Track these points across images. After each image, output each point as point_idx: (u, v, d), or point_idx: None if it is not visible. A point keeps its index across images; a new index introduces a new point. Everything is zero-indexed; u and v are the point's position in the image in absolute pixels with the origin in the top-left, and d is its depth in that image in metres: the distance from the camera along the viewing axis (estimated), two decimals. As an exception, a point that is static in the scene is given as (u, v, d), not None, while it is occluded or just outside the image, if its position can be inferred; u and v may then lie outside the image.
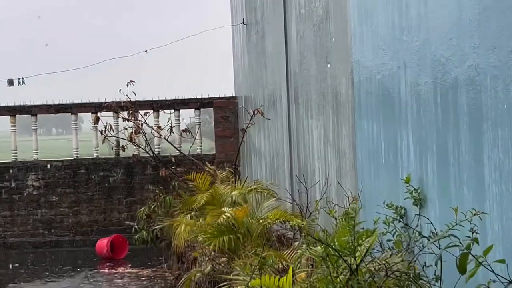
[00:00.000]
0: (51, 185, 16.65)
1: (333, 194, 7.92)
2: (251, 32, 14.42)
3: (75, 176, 16.71)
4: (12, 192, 16.58)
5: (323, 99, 8.58)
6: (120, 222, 16.43)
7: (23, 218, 16.58)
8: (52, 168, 16.74)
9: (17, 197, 16.57)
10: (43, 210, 16.59)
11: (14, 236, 16.53)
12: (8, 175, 16.60)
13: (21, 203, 16.57)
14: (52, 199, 16.62)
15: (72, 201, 16.65)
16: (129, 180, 16.67)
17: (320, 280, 4.41)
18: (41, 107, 17.23)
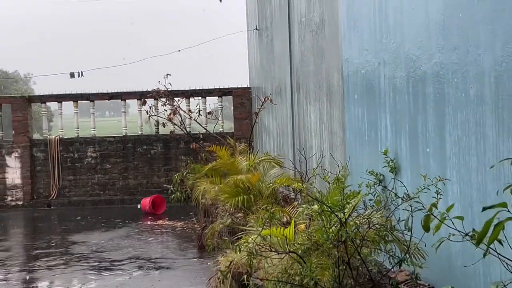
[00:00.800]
0: (105, 156, 16.70)
1: (327, 164, 7.91)
2: (262, 36, 14.37)
3: (124, 149, 16.75)
4: (75, 161, 16.65)
5: (319, 89, 8.56)
6: (159, 185, 16.47)
7: (83, 181, 16.65)
8: (106, 142, 16.79)
9: (79, 165, 16.64)
10: (99, 175, 16.66)
11: (77, 195, 16.62)
12: (72, 148, 16.66)
13: (82, 170, 16.64)
14: (106, 167, 16.68)
15: (121, 169, 16.70)
16: (166, 152, 16.70)
17: (316, 231, 4.41)
18: (97, 94, 17.26)
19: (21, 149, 16.50)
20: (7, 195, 16.46)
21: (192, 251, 10.48)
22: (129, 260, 10.06)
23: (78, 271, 9.46)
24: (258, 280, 5.26)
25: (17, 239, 13.07)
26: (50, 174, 16.50)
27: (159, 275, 9.03)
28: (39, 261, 10.21)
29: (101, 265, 9.78)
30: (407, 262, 4.28)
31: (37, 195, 16.60)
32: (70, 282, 8.94)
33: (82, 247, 11.24)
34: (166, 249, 10.85)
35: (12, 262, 10.40)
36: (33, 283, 9.09)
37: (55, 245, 11.56)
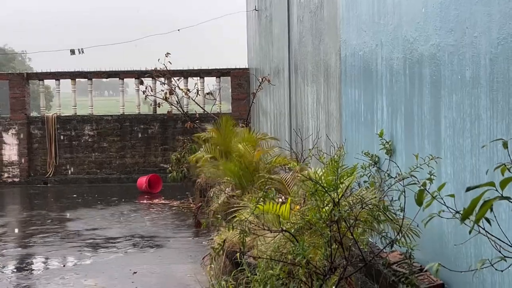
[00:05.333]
0: (102, 134, 16.70)
1: (323, 145, 7.92)
2: (261, 16, 14.31)
3: (121, 127, 16.75)
4: (72, 139, 16.65)
5: (316, 70, 8.54)
6: (156, 164, 16.50)
7: (80, 159, 16.67)
8: (103, 121, 16.78)
9: (76, 143, 16.65)
10: (96, 153, 16.67)
11: (74, 173, 16.64)
12: (69, 126, 16.66)
13: (79, 148, 16.65)
14: (103, 145, 16.68)
15: (118, 147, 16.71)
16: (163, 132, 16.70)
17: (310, 210, 4.42)
18: (95, 73, 17.23)
19: (18, 126, 16.49)
20: (4, 172, 16.49)
21: (188, 230, 10.52)
22: (124, 237, 10.09)
23: (73, 248, 9.49)
24: (251, 258, 5.29)
25: (13, 216, 13.09)
26: (47, 152, 16.51)
27: (153, 253, 9.07)
28: (34, 238, 10.25)
29: (96, 242, 9.81)
30: (399, 242, 4.29)
31: (34, 172, 16.62)
32: (65, 258, 8.97)
33: (78, 224, 11.27)
34: (161, 227, 10.88)
35: (8, 238, 10.43)
36: (28, 259, 9.12)
37: (51, 222, 11.59)
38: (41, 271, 8.39)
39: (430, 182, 3.11)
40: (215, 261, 5.99)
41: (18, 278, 8.00)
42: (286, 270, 4.35)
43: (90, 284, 7.58)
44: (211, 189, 10.08)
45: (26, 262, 8.95)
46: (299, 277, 4.33)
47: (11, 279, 7.92)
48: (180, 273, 7.89)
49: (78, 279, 7.80)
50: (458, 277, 4.21)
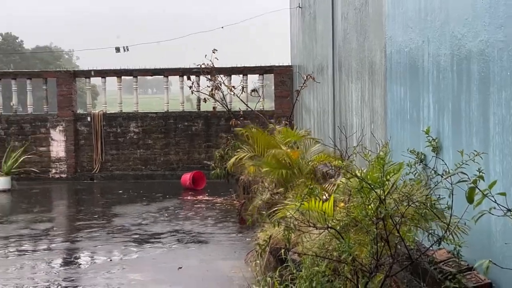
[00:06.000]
0: (147, 131, 16.89)
1: (367, 143, 7.86)
2: (305, 14, 14.27)
3: (166, 125, 16.91)
4: (118, 136, 16.88)
5: (361, 67, 8.49)
6: (200, 161, 16.61)
7: (126, 156, 16.88)
8: (148, 118, 16.97)
9: (121, 139, 16.87)
10: (141, 150, 16.87)
11: (119, 169, 16.87)
12: (115, 123, 16.89)
13: (125, 145, 16.87)
14: (148, 142, 16.87)
15: (163, 144, 16.88)
16: (207, 129, 16.81)
17: (356, 207, 4.40)
18: (140, 70, 17.43)
19: (66, 123, 16.79)
20: (52, 168, 16.80)
21: (231, 226, 10.57)
22: (169, 233, 10.19)
23: (119, 243, 9.63)
24: (295, 255, 5.28)
25: (60, 211, 13.34)
26: (93, 148, 16.77)
27: (198, 249, 9.14)
28: (81, 232, 10.42)
29: (141, 238, 9.93)
30: (446, 240, 4.24)
31: (81, 168, 16.90)
32: (111, 252, 9.11)
33: (124, 219, 11.42)
34: (205, 223, 10.96)
35: (56, 232, 10.64)
36: (75, 253, 9.29)
37: (98, 217, 11.77)
38: (88, 265, 8.54)
39: (480, 180, 3.06)
40: (261, 258, 6.00)
41: (66, 271, 8.16)
42: (332, 267, 4.34)
43: (136, 278, 7.68)
44: (254, 186, 10.10)
45: (74, 256, 9.12)
46: (345, 274, 4.31)
47: (59, 273, 8.08)
48: (224, 269, 7.94)
49: (124, 273, 7.91)
50: (506, 276, 4.14)
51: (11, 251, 9.18)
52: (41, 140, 16.82)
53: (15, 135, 16.84)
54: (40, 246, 9.56)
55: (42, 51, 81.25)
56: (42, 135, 16.83)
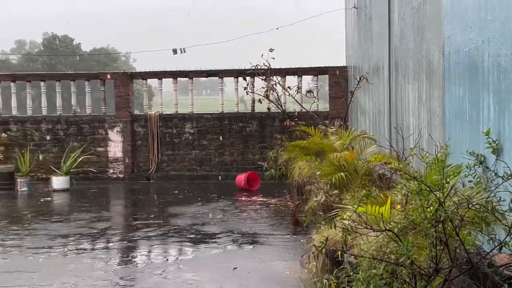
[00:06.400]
0: (202, 132, 17.05)
1: (424, 144, 7.75)
2: (360, 14, 14.16)
3: (220, 126, 17.03)
4: (174, 136, 17.08)
5: (418, 67, 8.37)
6: (254, 162, 16.67)
7: (181, 156, 17.07)
8: (203, 119, 17.13)
9: (177, 140, 17.07)
10: (196, 151, 17.03)
11: (175, 170, 17.06)
12: (171, 124, 17.10)
13: (180, 145, 17.06)
14: (203, 143, 17.02)
15: (218, 145, 17.00)
16: (261, 130, 16.85)
17: (414, 210, 4.35)
18: (196, 72, 17.61)
19: (123, 123, 17.08)
20: (109, 168, 17.11)
21: (286, 228, 10.56)
22: (224, 233, 10.25)
23: (175, 243, 9.73)
24: (352, 257, 5.25)
25: (117, 210, 13.58)
26: (150, 149, 17.01)
27: (252, 249, 9.16)
28: (138, 232, 10.58)
29: (197, 238, 10.02)
30: (508, 246, 4.15)
31: (137, 168, 17.17)
32: (167, 252, 9.22)
33: (179, 219, 11.55)
34: (259, 224, 10.99)
35: (113, 231, 10.82)
36: (132, 252, 9.44)
37: (154, 216, 11.93)
38: (144, 263, 8.66)
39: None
40: (317, 259, 5.98)
41: (123, 270, 8.29)
42: (389, 270, 4.29)
43: (192, 278, 7.75)
44: (309, 187, 10.07)
45: (131, 255, 9.26)
46: (403, 278, 4.26)
47: (116, 271, 8.21)
48: (279, 270, 7.94)
49: (181, 273, 7.99)
50: None
51: (70, 250, 9.38)
52: (99, 140, 17.16)
53: (74, 136, 17.22)
54: (98, 244, 9.75)
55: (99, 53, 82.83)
56: (100, 135, 17.17)
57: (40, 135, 17.33)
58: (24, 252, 9.26)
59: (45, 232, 10.60)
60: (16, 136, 17.32)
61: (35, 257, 8.91)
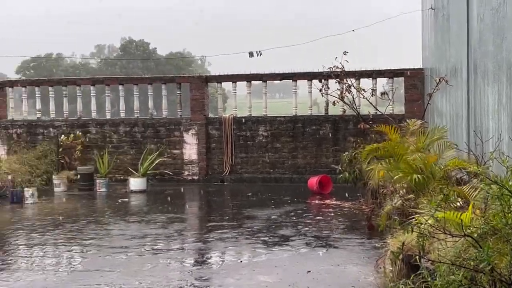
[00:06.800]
0: (275, 135, 17.09)
1: (505, 148, 7.52)
2: (438, 15, 13.89)
3: (293, 128, 17.03)
4: (247, 139, 17.19)
5: (498, 69, 8.13)
6: (327, 165, 16.58)
7: (254, 159, 17.16)
8: (276, 122, 17.16)
9: (250, 143, 17.17)
10: (270, 153, 17.09)
11: (248, 172, 17.16)
12: (245, 127, 17.22)
13: (254, 148, 17.15)
14: (276, 145, 17.06)
15: (291, 148, 17.00)
16: (335, 133, 16.76)
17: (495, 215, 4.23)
18: (270, 75, 17.69)
19: (198, 126, 17.31)
20: (184, 170, 17.37)
21: (360, 231, 10.45)
22: (297, 236, 10.24)
23: (248, 245, 9.78)
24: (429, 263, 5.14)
25: (193, 212, 13.76)
26: (224, 151, 17.17)
27: (326, 253, 9.12)
28: (212, 233, 10.69)
29: (270, 240, 10.04)
30: None
31: (212, 170, 17.36)
32: (241, 254, 9.28)
33: (253, 221, 11.60)
34: (333, 228, 10.92)
35: (188, 232, 10.99)
36: (207, 253, 9.56)
37: (228, 218, 12.03)
38: (219, 265, 8.75)
39: None
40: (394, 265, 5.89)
41: (198, 270, 8.40)
42: (469, 276, 4.18)
43: (265, 280, 7.77)
44: (384, 191, 9.94)
45: (205, 256, 9.39)
46: (482, 285, 4.15)
47: (192, 272, 8.32)
48: (354, 274, 7.86)
49: (254, 274, 8.03)
50: None
51: (147, 250, 9.57)
52: (174, 143, 17.45)
53: (150, 138, 17.57)
54: (174, 245, 9.90)
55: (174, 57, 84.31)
56: (176, 138, 17.46)
57: (118, 137, 17.76)
58: (102, 252, 9.51)
59: (122, 232, 10.86)
60: (95, 138, 17.81)
61: (113, 257, 9.14)
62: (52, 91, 18.71)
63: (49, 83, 19.40)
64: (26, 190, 14.32)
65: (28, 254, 9.51)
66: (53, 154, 17.15)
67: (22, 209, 13.52)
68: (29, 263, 8.94)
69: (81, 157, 17.25)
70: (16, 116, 19.09)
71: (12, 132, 18.17)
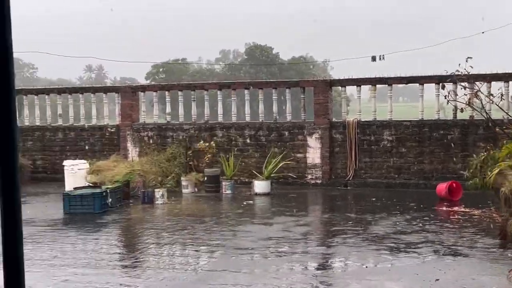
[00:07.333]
0: (401, 139, 16.76)
1: None
2: None
3: (420, 133, 16.63)
4: (371, 144, 16.97)
5: None
6: (455, 171, 16.09)
7: (378, 164, 16.90)
8: (402, 126, 16.83)
9: (375, 147, 16.94)
10: (394, 158, 16.77)
11: (372, 177, 16.94)
12: (369, 131, 17.01)
13: (378, 153, 16.91)
14: (402, 150, 16.72)
15: (417, 153, 16.61)
16: (464, 138, 16.22)
17: None
18: (395, 78, 17.39)
19: (321, 130, 17.28)
20: (308, 174, 17.39)
21: (491, 241, 10.01)
22: (423, 243, 9.97)
23: (373, 250, 9.63)
24: None
25: (316, 215, 13.75)
26: (347, 156, 17.04)
27: (454, 262, 8.81)
28: (336, 238, 10.63)
29: (396, 247, 9.83)
30: None
31: (335, 175, 17.27)
32: (365, 259, 9.15)
33: (377, 227, 11.42)
34: (461, 236, 10.54)
35: (312, 236, 10.99)
36: (330, 257, 9.51)
37: (352, 223, 11.91)
38: (342, 270, 8.68)
39: None
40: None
41: (322, 274, 8.38)
42: None
43: (391, 287, 7.62)
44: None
45: (329, 261, 9.34)
46: None
47: (316, 276, 8.31)
48: (485, 285, 7.55)
49: (379, 281, 7.90)
50: None
51: (271, 252, 9.65)
52: (298, 147, 17.52)
53: (274, 142, 17.73)
54: (297, 248, 9.93)
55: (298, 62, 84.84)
56: (299, 142, 17.52)
57: (243, 141, 18.07)
58: (228, 252, 9.70)
59: (247, 234, 11.02)
60: (222, 142, 18.20)
61: (238, 258, 9.30)
62: (181, 95, 19.34)
63: (178, 87, 20.06)
64: (157, 190, 14.88)
65: (158, 253, 9.86)
66: (181, 157, 17.71)
67: (153, 209, 14.06)
68: (159, 261, 9.27)
69: (208, 160, 17.70)
70: (147, 120, 19.89)
71: (144, 135, 18.94)
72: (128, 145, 18.97)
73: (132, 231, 12.14)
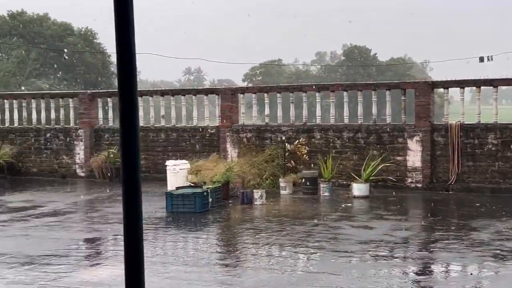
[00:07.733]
0: (506, 143, 16.16)
1: None
2: None
3: (527, 137, 15.99)
4: (475, 147, 16.45)
5: None
6: None
7: (482, 168, 16.36)
8: (508, 129, 16.23)
9: (478, 151, 16.41)
10: (500, 163, 16.19)
11: (475, 182, 16.42)
12: (472, 134, 16.50)
13: (482, 156, 16.37)
14: (507, 154, 16.13)
15: (523, 157, 15.98)
16: None
17: None
18: (502, 80, 16.81)
19: (422, 133, 16.91)
20: (408, 177, 17.06)
21: None
22: (531, 252, 9.58)
23: (477, 257, 9.36)
24: None
25: (416, 220, 13.46)
26: (449, 159, 16.59)
27: None
28: (438, 243, 10.38)
29: (501, 254, 9.49)
30: None
31: (436, 179, 16.86)
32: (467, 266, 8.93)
33: (481, 233, 11.06)
34: None
35: (412, 240, 10.78)
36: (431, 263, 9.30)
37: (454, 229, 11.60)
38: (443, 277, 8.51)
39: None
40: None
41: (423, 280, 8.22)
42: None
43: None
44: None
45: (431, 266, 9.15)
46: None
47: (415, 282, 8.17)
48: None
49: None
50: None
51: (371, 256, 9.55)
52: (398, 149, 17.21)
53: (373, 144, 17.51)
54: (397, 253, 9.79)
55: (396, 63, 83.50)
56: (399, 144, 17.22)
57: (342, 143, 17.94)
58: (327, 255, 9.68)
59: (346, 237, 10.95)
60: (320, 143, 18.16)
61: (337, 261, 9.27)
62: (280, 97, 19.44)
63: (276, 89, 20.20)
64: (256, 191, 15.03)
65: (257, 253, 9.97)
66: (280, 158, 17.80)
67: (252, 210, 14.20)
68: (258, 261, 9.37)
69: (306, 162, 17.70)
70: (246, 121, 20.13)
71: (243, 136, 19.17)
72: (227, 146, 19.25)
73: (232, 231, 12.33)
